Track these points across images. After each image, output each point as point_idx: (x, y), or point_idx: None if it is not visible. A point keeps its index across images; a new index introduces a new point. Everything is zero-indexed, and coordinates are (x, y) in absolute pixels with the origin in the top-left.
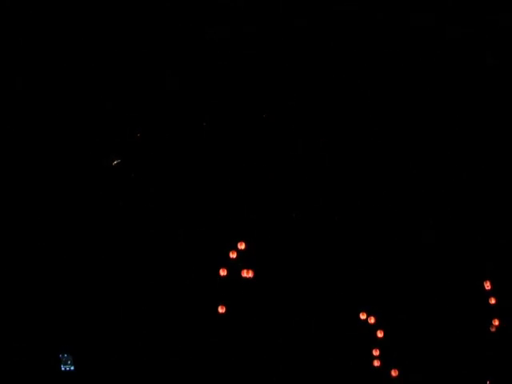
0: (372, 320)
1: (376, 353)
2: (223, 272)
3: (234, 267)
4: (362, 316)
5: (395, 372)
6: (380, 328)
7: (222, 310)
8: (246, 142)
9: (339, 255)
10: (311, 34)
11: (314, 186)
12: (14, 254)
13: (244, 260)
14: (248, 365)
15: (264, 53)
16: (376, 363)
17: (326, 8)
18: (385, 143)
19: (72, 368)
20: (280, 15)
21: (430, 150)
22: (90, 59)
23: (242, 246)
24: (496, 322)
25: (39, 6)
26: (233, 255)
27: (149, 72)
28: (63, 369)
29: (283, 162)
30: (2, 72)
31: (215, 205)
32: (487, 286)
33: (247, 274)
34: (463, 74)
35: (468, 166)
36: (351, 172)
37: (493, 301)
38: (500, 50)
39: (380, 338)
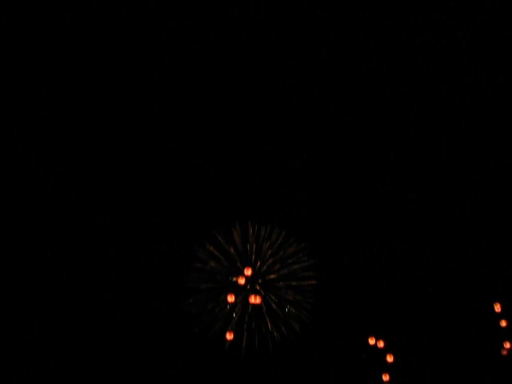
0: (381, 344)
1: (386, 378)
2: (231, 298)
3: (242, 293)
4: (371, 341)
5: None
6: (389, 352)
7: (230, 336)
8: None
9: (348, 278)
10: (311, 35)
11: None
12: (15, 256)
13: (251, 286)
14: None
15: (263, 53)
16: None
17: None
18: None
19: None
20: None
21: (444, 170)
22: (91, 60)
23: (248, 271)
24: (507, 345)
25: (39, 5)
26: (241, 281)
27: (149, 72)
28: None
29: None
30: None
31: (224, 228)
32: (497, 308)
33: (255, 300)
34: (463, 75)
35: (484, 187)
36: (363, 183)
37: (503, 323)
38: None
39: (390, 362)
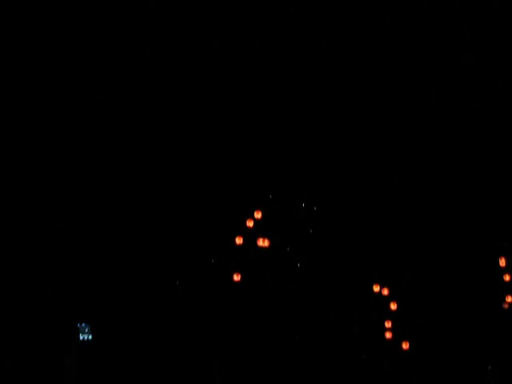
0: (385, 292)
1: (388, 325)
2: (239, 240)
3: (250, 235)
4: (376, 288)
5: (406, 344)
6: (393, 300)
7: (237, 277)
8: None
9: (355, 226)
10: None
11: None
12: (32, 238)
13: (260, 229)
14: (260, 335)
15: (264, 54)
16: (388, 335)
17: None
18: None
19: (90, 337)
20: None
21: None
22: (92, 60)
23: (258, 214)
24: (509, 299)
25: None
26: (249, 224)
27: (150, 73)
28: (81, 338)
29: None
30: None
31: (233, 175)
32: (502, 262)
33: (263, 242)
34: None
35: (481, 155)
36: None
37: (507, 278)
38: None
39: (393, 310)
